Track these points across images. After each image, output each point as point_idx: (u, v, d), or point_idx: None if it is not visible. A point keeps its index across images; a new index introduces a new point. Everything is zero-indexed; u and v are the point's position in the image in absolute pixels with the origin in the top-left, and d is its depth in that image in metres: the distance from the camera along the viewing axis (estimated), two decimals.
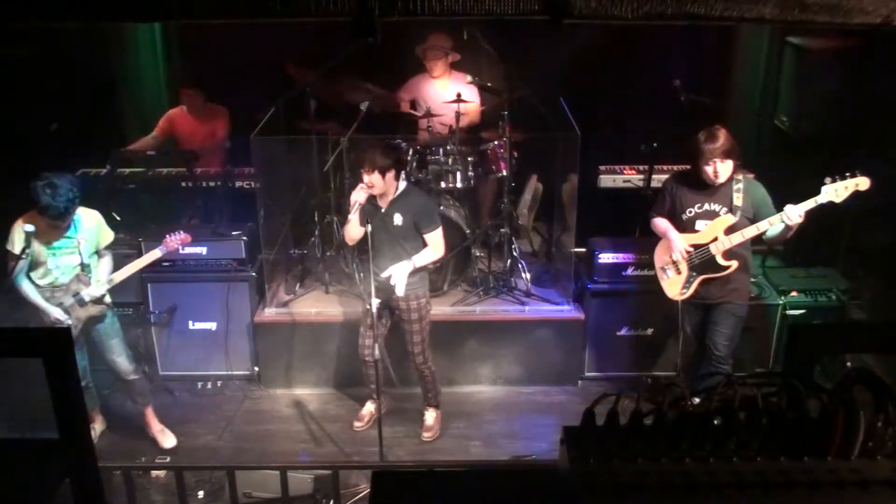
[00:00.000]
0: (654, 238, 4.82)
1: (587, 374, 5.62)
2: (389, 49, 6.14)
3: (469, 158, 5.64)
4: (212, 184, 5.86)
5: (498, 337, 5.49)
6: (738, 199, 4.44)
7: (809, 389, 1.72)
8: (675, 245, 4.63)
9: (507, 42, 6.01)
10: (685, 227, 4.62)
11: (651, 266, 5.13)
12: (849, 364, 4.66)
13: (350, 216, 4.63)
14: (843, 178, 4.17)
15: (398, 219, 4.57)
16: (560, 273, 5.91)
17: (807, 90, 5.69)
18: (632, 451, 1.71)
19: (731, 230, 4.46)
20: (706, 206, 4.53)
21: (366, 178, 4.46)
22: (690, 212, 4.59)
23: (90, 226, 4.55)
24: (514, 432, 5.16)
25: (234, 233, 5.52)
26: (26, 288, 4.46)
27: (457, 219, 5.46)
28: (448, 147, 5.60)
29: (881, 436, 1.69)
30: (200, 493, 4.43)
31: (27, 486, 1.66)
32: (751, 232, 4.39)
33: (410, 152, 5.65)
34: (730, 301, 4.63)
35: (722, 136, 4.33)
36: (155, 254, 4.66)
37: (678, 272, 4.69)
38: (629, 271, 5.42)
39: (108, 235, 4.69)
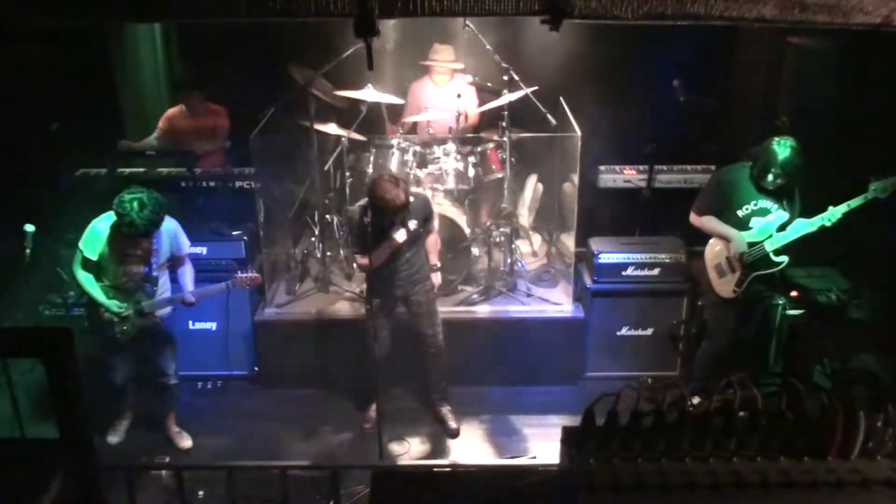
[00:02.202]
0: (655, 237, 4.83)
1: (587, 374, 5.62)
2: (391, 53, 6.21)
3: (469, 159, 5.63)
4: (212, 184, 5.86)
5: (498, 337, 5.49)
6: (789, 196, 4.53)
7: (809, 389, 1.72)
8: (737, 244, 4.63)
9: (507, 42, 6.02)
10: (739, 224, 4.63)
11: (651, 265, 5.14)
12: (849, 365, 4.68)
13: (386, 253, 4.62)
14: (888, 176, 4.23)
15: (413, 224, 4.60)
16: (560, 273, 5.91)
17: (807, 90, 5.69)
18: (632, 451, 1.71)
19: (782, 227, 4.53)
20: (760, 203, 4.57)
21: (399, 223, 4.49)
22: (746, 209, 4.60)
23: (165, 237, 4.51)
24: (514, 432, 5.16)
25: (234, 233, 5.52)
26: (85, 280, 4.45)
27: (457, 219, 5.46)
28: (448, 147, 5.60)
29: (881, 436, 1.69)
30: (200, 493, 4.42)
31: (27, 485, 1.66)
32: (802, 229, 4.46)
33: (411, 152, 5.65)
34: (770, 297, 4.72)
35: (793, 150, 4.35)
36: (220, 287, 4.70)
37: (733, 270, 4.69)
38: (629, 271, 5.42)
39: (186, 243, 4.66)
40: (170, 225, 4.54)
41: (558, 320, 5.53)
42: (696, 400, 4.44)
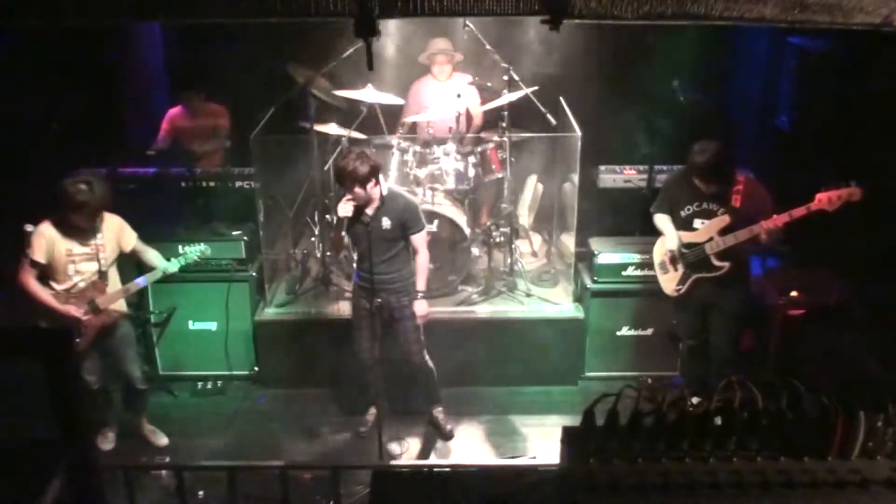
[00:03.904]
0: (655, 237, 4.83)
1: (587, 374, 5.62)
2: (390, 53, 6.21)
3: (469, 159, 5.64)
4: (212, 184, 5.86)
5: (498, 337, 5.49)
6: (735, 201, 4.42)
7: (809, 390, 1.72)
8: (667, 242, 4.66)
9: (507, 42, 6.02)
10: (683, 224, 4.62)
11: (651, 265, 5.13)
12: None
13: (343, 233, 4.66)
14: (838, 186, 4.14)
15: (386, 222, 4.57)
16: (560, 273, 5.91)
17: (807, 90, 5.69)
18: (632, 451, 1.71)
19: (726, 231, 4.44)
20: (704, 205, 4.53)
21: (348, 192, 4.47)
22: (688, 209, 4.59)
23: (111, 232, 4.50)
24: (514, 432, 5.16)
25: (234, 233, 5.52)
26: (37, 290, 4.39)
27: (457, 219, 5.46)
28: (448, 147, 5.60)
29: (881, 436, 1.69)
30: (200, 493, 4.42)
31: (27, 485, 1.66)
32: (744, 235, 4.35)
33: (410, 152, 5.65)
34: (726, 302, 4.63)
35: (710, 153, 4.30)
36: (167, 266, 4.65)
37: (675, 269, 4.70)
38: (629, 271, 5.42)
39: (131, 239, 4.62)
40: (113, 221, 4.52)
41: (558, 320, 5.53)
42: (695, 400, 4.44)
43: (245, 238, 5.51)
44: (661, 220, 4.74)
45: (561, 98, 5.77)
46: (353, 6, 1.82)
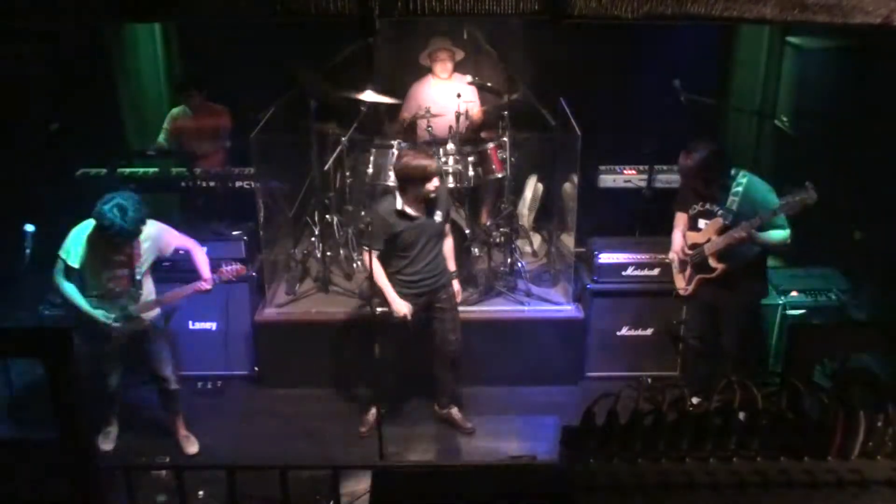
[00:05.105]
0: (655, 237, 4.85)
1: (587, 374, 5.61)
2: (390, 54, 6.21)
3: (469, 158, 5.63)
4: (212, 184, 5.86)
5: (498, 337, 5.48)
6: (732, 202, 4.38)
7: (809, 389, 1.72)
8: (672, 243, 4.67)
9: (507, 42, 6.02)
10: (691, 223, 4.64)
11: (651, 265, 5.14)
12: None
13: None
14: (793, 193, 4.16)
15: (438, 216, 4.59)
16: (560, 273, 5.91)
17: (807, 90, 5.69)
18: (632, 451, 1.71)
19: (723, 231, 4.43)
20: (706, 206, 4.54)
21: (433, 185, 4.46)
22: (694, 209, 4.60)
23: (150, 240, 4.44)
24: (514, 432, 5.16)
25: (234, 233, 5.51)
26: (69, 290, 4.36)
27: (457, 219, 5.46)
28: (448, 147, 5.60)
29: (881, 436, 1.69)
30: (200, 493, 4.42)
31: (27, 485, 1.66)
32: (737, 234, 4.31)
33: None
34: (732, 304, 4.61)
35: (697, 154, 4.30)
36: (204, 285, 4.60)
37: (682, 269, 4.72)
38: (629, 271, 5.42)
39: (172, 240, 4.56)
40: (151, 230, 4.45)
41: (558, 320, 5.53)
42: (695, 400, 4.43)
43: (245, 238, 5.50)
44: (676, 219, 4.76)
45: (561, 98, 5.77)
46: (353, 6, 1.82)
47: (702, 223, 4.57)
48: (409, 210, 4.54)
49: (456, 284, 4.91)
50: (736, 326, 4.66)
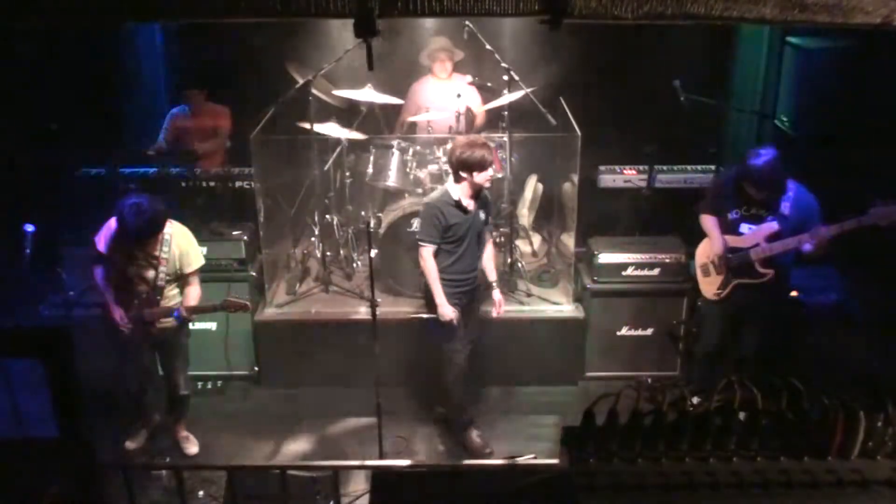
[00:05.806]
0: (655, 237, 4.82)
1: (587, 373, 5.61)
2: (390, 54, 6.20)
3: None
4: (212, 184, 5.86)
5: (498, 337, 5.48)
6: (786, 209, 4.37)
7: (809, 390, 1.72)
8: (714, 246, 4.61)
9: (507, 42, 6.02)
10: (729, 227, 4.57)
11: (651, 265, 5.13)
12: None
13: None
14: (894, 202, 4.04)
15: (482, 215, 4.57)
16: (560, 273, 5.91)
17: (807, 90, 5.69)
18: (632, 451, 1.71)
19: (773, 238, 4.40)
20: (753, 210, 4.48)
21: (489, 173, 4.42)
22: (736, 213, 4.53)
23: (178, 249, 4.44)
24: (514, 432, 5.16)
25: (234, 233, 5.51)
26: (98, 277, 4.46)
27: None
28: (448, 147, 5.59)
29: (881, 436, 1.69)
30: (200, 493, 4.42)
31: (27, 485, 1.66)
32: (792, 243, 4.30)
33: (410, 152, 5.65)
34: (766, 309, 4.58)
35: (767, 160, 4.26)
36: (208, 306, 4.59)
37: (718, 272, 4.66)
38: (629, 271, 5.42)
39: (193, 262, 4.52)
40: (183, 240, 4.47)
41: (558, 320, 5.53)
42: (695, 400, 4.42)
43: (245, 238, 5.50)
44: (708, 222, 4.67)
45: (561, 98, 5.77)
46: (353, 6, 1.82)
47: (745, 227, 4.50)
48: (464, 202, 4.44)
49: (497, 294, 4.76)
50: (764, 330, 4.64)
